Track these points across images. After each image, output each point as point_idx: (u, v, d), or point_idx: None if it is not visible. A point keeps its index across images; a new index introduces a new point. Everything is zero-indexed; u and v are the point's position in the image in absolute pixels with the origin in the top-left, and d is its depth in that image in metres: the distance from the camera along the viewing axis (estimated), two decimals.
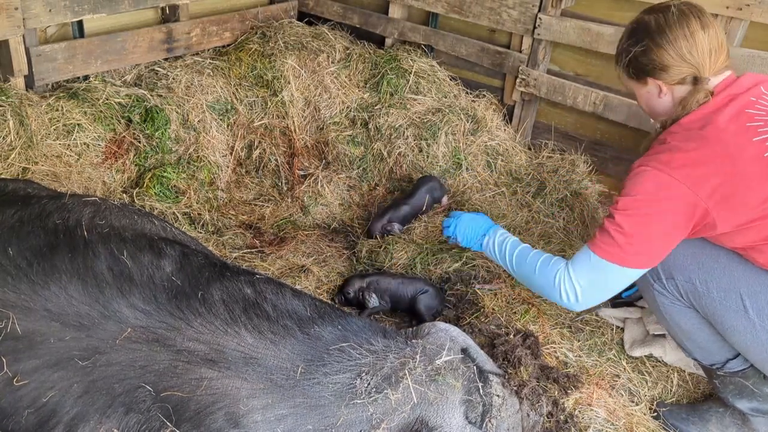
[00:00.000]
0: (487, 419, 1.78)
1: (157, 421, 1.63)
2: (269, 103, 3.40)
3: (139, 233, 1.97)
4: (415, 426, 1.71)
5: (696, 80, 1.85)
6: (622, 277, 1.86)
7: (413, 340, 1.89)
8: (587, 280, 1.88)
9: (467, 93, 3.52)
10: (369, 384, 1.71)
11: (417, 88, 3.44)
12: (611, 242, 1.81)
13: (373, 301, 2.47)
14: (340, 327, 1.86)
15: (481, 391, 1.81)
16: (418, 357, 1.79)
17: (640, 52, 1.88)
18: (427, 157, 3.21)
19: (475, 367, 1.85)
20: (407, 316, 2.56)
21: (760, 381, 1.96)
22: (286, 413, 1.65)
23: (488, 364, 1.93)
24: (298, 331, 1.79)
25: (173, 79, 3.26)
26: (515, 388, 1.93)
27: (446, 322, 2.41)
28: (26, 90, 2.91)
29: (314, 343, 1.78)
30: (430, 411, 1.72)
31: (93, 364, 1.64)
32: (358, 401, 1.69)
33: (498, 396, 1.82)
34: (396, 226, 2.88)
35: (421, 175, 3.14)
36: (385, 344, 1.84)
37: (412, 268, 2.69)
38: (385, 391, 1.70)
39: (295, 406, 1.66)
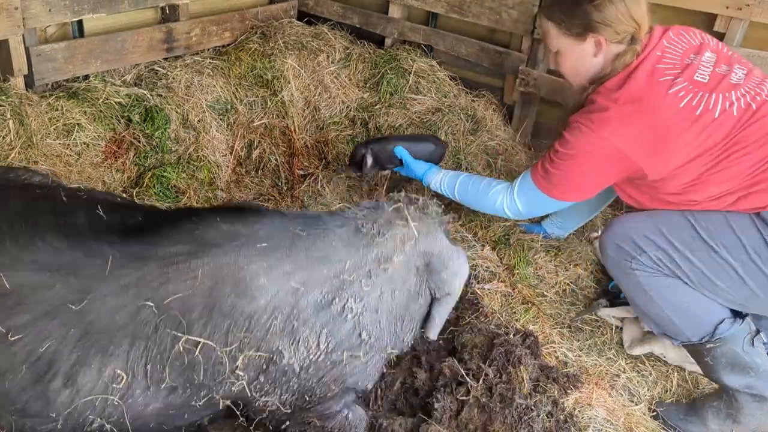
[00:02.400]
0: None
1: (166, 338, 1.65)
2: (269, 103, 3.40)
3: (113, 202, 2.06)
4: (424, 259, 1.94)
5: (633, 39, 2.02)
6: (553, 204, 2.24)
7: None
8: (525, 201, 2.26)
9: (467, 93, 3.52)
10: (372, 230, 1.87)
11: (417, 87, 3.44)
12: (546, 177, 2.16)
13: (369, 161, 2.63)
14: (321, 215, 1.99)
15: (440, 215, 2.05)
16: (405, 203, 1.99)
17: (590, 5, 1.99)
18: None
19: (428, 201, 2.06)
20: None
21: (749, 347, 1.99)
22: (291, 269, 1.72)
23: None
24: (284, 215, 1.89)
25: (173, 78, 3.26)
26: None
27: (446, 321, 2.42)
28: (26, 90, 2.90)
29: (304, 216, 1.91)
30: (429, 241, 1.96)
31: (87, 305, 1.65)
32: (363, 245, 1.84)
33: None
34: (370, 161, 2.69)
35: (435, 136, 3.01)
36: (373, 205, 1.99)
37: None
38: (388, 233, 1.88)
39: (297, 261, 1.74)
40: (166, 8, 3.38)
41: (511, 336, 2.23)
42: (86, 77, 3.12)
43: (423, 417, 2.00)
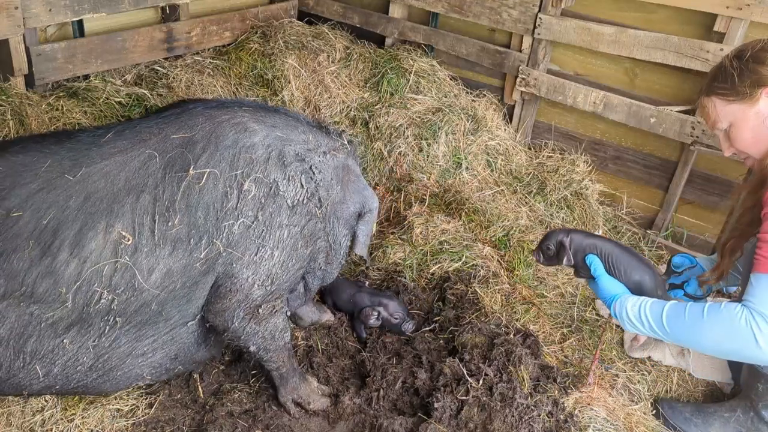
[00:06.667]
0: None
1: (172, 183, 1.79)
2: (269, 103, 3.40)
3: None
4: (351, 175, 2.22)
5: None
6: None
7: None
8: None
9: (467, 92, 3.52)
10: (327, 128, 2.24)
11: (417, 87, 3.44)
12: None
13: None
14: None
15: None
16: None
17: (752, 58, 1.79)
18: (428, 156, 3.21)
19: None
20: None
21: None
22: (274, 123, 2.05)
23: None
24: None
25: (173, 78, 3.26)
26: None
27: (447, 321, 2.43)
28: (26, 89, 2.90)
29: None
30: (354, 164, 2.27)
31: (85, 176, 1.74)
32: (322, 133, 2.18)
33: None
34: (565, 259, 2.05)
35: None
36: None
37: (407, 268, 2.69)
38: (338, 135, 2.25)
39: (277, 121, 2.07)
40: (167, 8, 3.38)
41: (512, 336, 2.24)
42: (86, 77, 3.12)
43: (423, 416, 2.00)
